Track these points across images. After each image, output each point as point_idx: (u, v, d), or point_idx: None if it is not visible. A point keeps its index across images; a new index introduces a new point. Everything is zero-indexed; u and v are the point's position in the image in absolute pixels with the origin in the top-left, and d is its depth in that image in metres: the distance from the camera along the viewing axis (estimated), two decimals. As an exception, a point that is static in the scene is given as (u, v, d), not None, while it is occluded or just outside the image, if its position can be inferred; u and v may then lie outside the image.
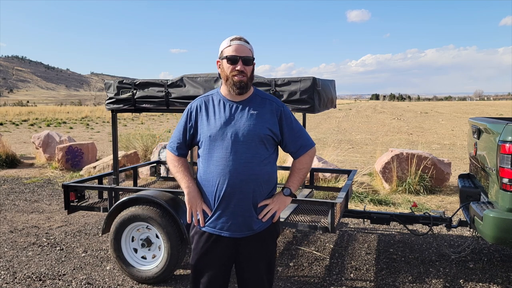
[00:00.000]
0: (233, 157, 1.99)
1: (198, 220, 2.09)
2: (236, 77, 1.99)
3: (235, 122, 2.03)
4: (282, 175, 7.05)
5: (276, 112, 2.12)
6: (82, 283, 3.49)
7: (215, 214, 2.05)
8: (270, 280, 2.18)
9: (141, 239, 3.49)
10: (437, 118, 28.20)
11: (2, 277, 3.64)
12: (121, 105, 3.75)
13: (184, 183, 2.10)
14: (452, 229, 4.42)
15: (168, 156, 2.20)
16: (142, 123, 25.47)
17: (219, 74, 2.10)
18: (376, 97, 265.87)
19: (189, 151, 2.69)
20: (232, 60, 1.99)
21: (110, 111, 3.84)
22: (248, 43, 2.07)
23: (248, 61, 2.03)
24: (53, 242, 4.50)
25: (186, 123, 2.13)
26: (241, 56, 2.00)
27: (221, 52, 2.05)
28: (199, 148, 2.11)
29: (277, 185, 2.36)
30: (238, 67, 1.98)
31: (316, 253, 4.14)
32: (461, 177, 4.34)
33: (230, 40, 2.03)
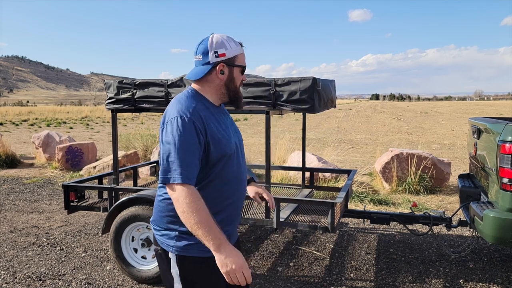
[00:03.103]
0: (243, 170, 1.84)
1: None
2: (240, 88, 1.84)
3: (234, 132, 1.85)
4: (282, 175, 7.06)
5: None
6: (82, 283, 3.49)
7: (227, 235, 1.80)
8: None
9: (141, 239, 3.50)
10: (437, 118, 28.21)
11: (2, 277, 3.65)
12: (121, 105, 3.76)
13: (221, 237, 1.57)
14: (452, 229, 4.42)
15: (185, 192, 1.57)
16: (142, 123, 25.49)
17: (202, 75, 1.73)
18: (376, 97, 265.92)
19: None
20: (244, 70, 1.81)
21: (110, 111, 3.84)
22: None
23: None
24: (53, 242, 4.50)
25: (195, 142, 1.62)
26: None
27: (234, 57, 1.75)
28: (205, 168, 1.72)
29: (276, 185, 2.35)
30: (243, 78, 1.82)
31: (316, 253, 4.14)
32: (461, 177, 4.34)
33: (241, 46, 1.80)
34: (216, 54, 1.72)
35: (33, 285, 3.49)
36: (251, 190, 2.10)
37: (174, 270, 1.73)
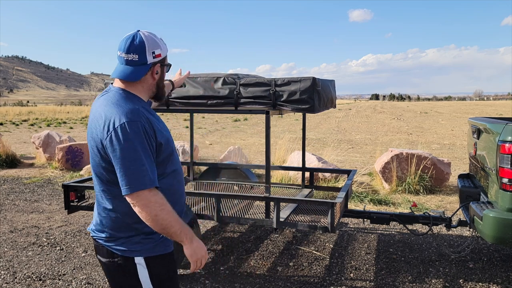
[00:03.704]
0: (181, 166, 1.89)
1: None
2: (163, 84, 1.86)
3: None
4: (282, 174, 7.06)
5: None
6: (82, 283, 3.50)
7: None
8: None
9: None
10: (437, 118, 28.21)
11: (2, 277, 3.65)
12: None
13: (188, 231, 1.66)
14: (452, 229, 4.42)
15: (154, 197, 1.57)
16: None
17: (137, 76, 1.69)
18: (376, 97, 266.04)
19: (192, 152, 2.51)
20: (169, 68, 1.83)
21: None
22: None
23: None
24: (53, 242, 4.51)
25: (147, 144, 1.60)
26: None
27: (166, 57, 1.77)
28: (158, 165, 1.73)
29: (276, 185, 2.36)
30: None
31: (316, 253, 4.14)
32: (461, 177, 4.34)
33: (165, 44, 1.79)
34: (154, 55, 1.69)
35: (33, 285, 3.49)
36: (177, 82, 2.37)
37: (143, 274, 1.72)
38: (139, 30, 1.71)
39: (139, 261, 1.71)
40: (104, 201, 1.71)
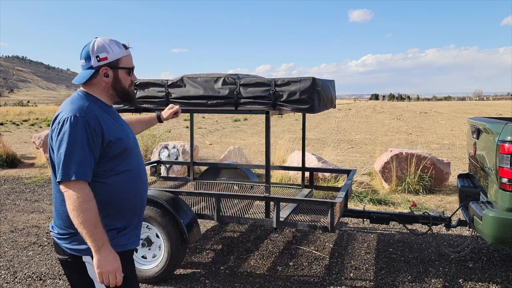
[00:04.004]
0: (142, 165, 1.93)
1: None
2: (132, 89, 1.91)
3: (130, 131, 1.95)
4: (282, 174, 7.07)
5: None
6: (83, 282, 3.50)
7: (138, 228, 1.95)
8: None
9: (141, 239, 3.51)
10: (437, 118, 28.22)
11: (2, 276, 3.66)
12: (121, 105, 3.77)
13: (100, 239, 1.65)
14: (452, 228, 4.42)
15: (78, 190, 1.62)
16: (142, 123, 25.44)
17: (87, 79, 1.80)
18: (375, 97, 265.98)
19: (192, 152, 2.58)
20: (131, 71, 1.89)
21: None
22: None
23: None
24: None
25: (89, 139, 1.67)
26: (134, 67, 1.92)
27: (118, 60, 1.83)
28: (105, 162, 1.76)
29: (276, 185, 2.36)
30: (133, 78, 1.91)
31: (316, 252, 4.15)
32: (461, 176, 4.35)
33: (126, 48, 1.87)
34: (98, 58, 1.79)
35: (33, 285, 3.50)
36: (165, 114, 2.50)
37: (92, 272, 1.74)
38: (96, 37, 1.85)
39: (87, 259, 1.74)
40: (56, 197, 1.77)
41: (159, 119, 2.53)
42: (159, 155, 8.27)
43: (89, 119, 1.69)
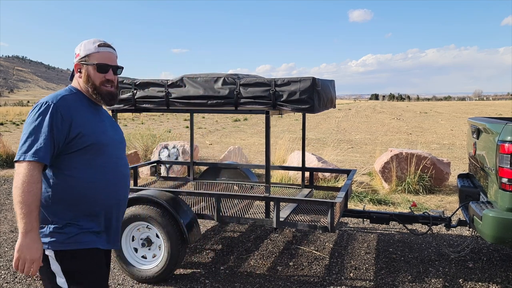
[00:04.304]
0: (119, 165, 1.93)
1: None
2: (105, 88, 1.90)
3: (113, 129, 1.97)
4: (282, 174, 7.07)
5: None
6: (83, 282, 3.50)
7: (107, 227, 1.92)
8: None
9: (141, 239, 3.51)
10: (437, 118, 28.22)
11: (2, 276, 3.66)
12: (122, 105, 3.77)
13: (29, 225, 1.64)
14: (452, 228, 4.43)
15: (28, 170, 1.65)
16: (142, 123, 25.49)
17: (71, 77, 1.96)
18: (375, 97, 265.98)
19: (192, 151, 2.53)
20: (103, 68, 1.88)
21: (110, 111, 3.85)
22: (114, 49, 1.97)
23: (117, 70, 1.95)
24: (54, 241, 4.51)
25: (52, 126, 1.72)
26: (112, 65, 1.92)
27: (87, 56, 1.88)
28: (73, 153, 1.78)
29: (276, 185, 2.36)
30: (109, 77, 1.90)
31: (316, 252, 4.15)
32: (461, 176, 4.35)
33: (98, 46, 1.89)
34: (74, 55, 1.91)
35: (33, 285, 3.50)
36: None
37: (55, 267, 1.78)
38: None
39: (50, 253, 1.77)
40: None
41: None
42: (159, 155, 8.27)
43: (59, 106, 1.75)
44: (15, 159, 1.70)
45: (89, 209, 1.82)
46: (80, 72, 1.90)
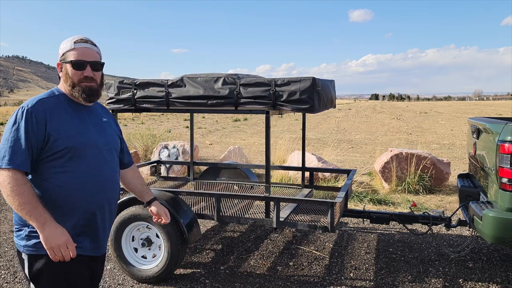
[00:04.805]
0: (106, 172, 1.87)
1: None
2: (84, 84, 1.82)
3: (99, 131, 1.89)
4: (282, 174, 7.07)
5: (114, 121, 2.10)
6: (83, 282, 3.50)
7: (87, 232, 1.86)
8: None
9: (141, 239, 3.50)
10: (437, 118, 28.21)
11: (2, 276, 3.66)
12: (122, 105, 3.77)
13: (40, 216, 1.65)
14: (452, 228, 4.42)
15: (9, 177, 1.64)
16: (142, 123, 25.49)
17: (59, 77, 1.90)
18: (375, 97, 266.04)
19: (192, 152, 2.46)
20: (78, 65, 1.81)
21: (110, 111, 3.85)
22: (95, 45, 1.89)
23: (97, 66, 1.86)
24: (54, 241, 4.51)
25: (28, 131, 1.69)
26: (89, 61, 1.84)
27: (63, 55, 1.84)
28: (48, 158, 1.75)
29: (276, 185, 2.35)
30: (86, 73, 1.82)
31: (316, 252, 4.15)
32: (461, 176, 4.35)
33: (74, 42, 1.83)
34: (59, 57, 1.88)
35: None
36: (153, 210, 2.23)
37: (27, 271, 1.77)
38: None
39: (25, 257, 1.77)
40: None
41: (146, 203, 2.27)
42: (159, 155, 8.27)
43: (34, 110, 1.71)
44: None
45: (65, 214, 1.76)
46: (61, 71, 1.86)
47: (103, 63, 1.91)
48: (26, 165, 1.68)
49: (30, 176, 1.75)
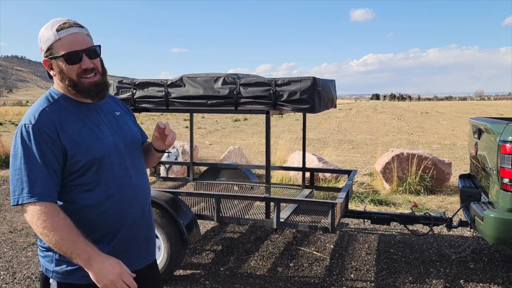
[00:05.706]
0: (133, 175, 1.61)
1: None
2: (87, 79, 1.51)
3: (113, 130, 1.61)
4: (282, 175, 7.05)
5: (127, 108, 1.81)
6: (82, 283, 3.49)
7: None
8: None
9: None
10: (438, 118, 28.20)
11: (1, 277, 3.64)
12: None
13: (89, 249, 1.40)
14: (453, 229, 4.41)
15: (36, 212, 1.38)
16: (141, 123, 25.49)
17: (48, 75, 1.57)
18: (376, 97, 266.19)
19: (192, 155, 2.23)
20: (73, 58, 1.47)
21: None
22: (82, 26, 1.52)
23: (93, 52, 1.52)
24: (53, 242, 4.50)
25: (44, 151, 1.42)
26: (83, 49, 1.49)
27: (48, 49, 1.49)
28: (68, 178, 1.50)
29: (276, 185, 2.33)
30: (84, 65, 1.50)
31: (316, 253, 4.13)
32: (462, 177, 4.33)
33: (57, 31, 1.46)
34: (40, 50, 1.53)
35: (32, 286, 3.48)
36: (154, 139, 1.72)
37: None
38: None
39: (53, 283, 1.53)
40: None
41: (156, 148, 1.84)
42: (159, 155, 8.25)
43: (41, 126, 1.43)
44: (12, 204, 1.42)
45: (102, 237, 1.53)
46: (52, 69, 1.52)
47: (99, 46, 1.57)
48: (52, 192, 1.42)
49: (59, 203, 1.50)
